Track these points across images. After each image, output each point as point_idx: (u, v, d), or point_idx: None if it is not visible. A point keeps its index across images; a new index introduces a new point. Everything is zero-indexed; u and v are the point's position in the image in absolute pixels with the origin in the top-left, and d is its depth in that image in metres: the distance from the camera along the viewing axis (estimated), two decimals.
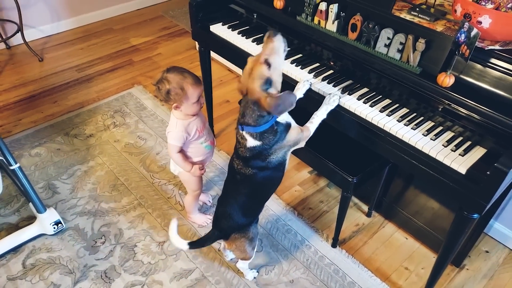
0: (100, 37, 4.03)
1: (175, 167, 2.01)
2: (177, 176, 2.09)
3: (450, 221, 1.62)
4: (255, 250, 1.88)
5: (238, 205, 1.69)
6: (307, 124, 1.68)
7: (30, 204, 2.13)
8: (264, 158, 1.55)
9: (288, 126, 1.57)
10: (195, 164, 1.94)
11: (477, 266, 2.11)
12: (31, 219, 2.21)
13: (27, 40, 3.68)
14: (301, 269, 2.06)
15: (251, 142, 1.52)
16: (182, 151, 1.89)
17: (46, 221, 2.10)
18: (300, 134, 1.61)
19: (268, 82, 1.42)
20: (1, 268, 2.02)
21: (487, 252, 2.18)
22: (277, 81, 1.46)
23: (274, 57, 1.42)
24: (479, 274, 2.08)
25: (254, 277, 2.01)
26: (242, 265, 1.94)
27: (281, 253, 2.12)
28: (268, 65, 1.40)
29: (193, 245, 1.76)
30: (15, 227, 2.19)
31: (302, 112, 1.71)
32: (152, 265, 2.05)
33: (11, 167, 1.92)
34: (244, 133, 1.52)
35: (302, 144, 1.66)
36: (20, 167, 1.95)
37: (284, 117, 1.56)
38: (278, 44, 1.42)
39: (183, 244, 1.73)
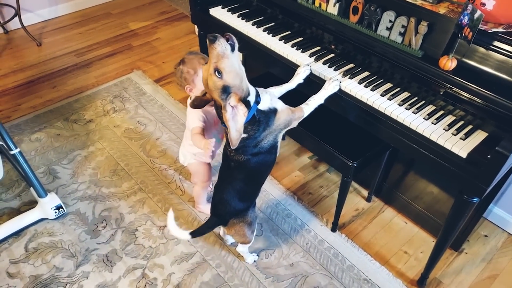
0: (98, 21, 3.99)
1: (185, 157, 2.00)
2: (177, 161, 2.08)
3: (449, 206, 1.62)
4: (255, 234, 1.89)
5: (234, 191, 1.69)
6: (302, 105, 1.65)
7: (31, 189, 2.14)
8: (255, 145, 1.54)
9: (273, 111, 1.53)
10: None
11: (476, 250, 2.13)
12: (32, 204, 2.22)
13: (25, 25, 3.65)
14: (300, 252, 2.07)
15: None
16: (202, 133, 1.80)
17: (47, 205, 2.11)
18: (290, 116, 1.58)
19: (225, 90, 1.38)
20: (3, 252, 2.03)
21: (486, 236, 2.20)
22: (236, 81, 1.39)
23: (222, 62, 1.35)
24: (478, 258, 2.10)
25: (254, 261, 2.02)
26: (242, 249, 1.95)
27: (281, 237, 2.13)
28: (219, 73, 1.36)
29: (194, 233, 1.76)
30: (17, 212, 2.20)
31: (302, 96, 1.70)
32: (153, 249, 2.06)
33: (12, 152, 1.92)
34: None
35: (294, 125, 1.63)
36: (20, 152, 1.95)
37: (267, 104, 1.52)
38: (221, 48, 1.34)
39: (185, 234, 1.74)
